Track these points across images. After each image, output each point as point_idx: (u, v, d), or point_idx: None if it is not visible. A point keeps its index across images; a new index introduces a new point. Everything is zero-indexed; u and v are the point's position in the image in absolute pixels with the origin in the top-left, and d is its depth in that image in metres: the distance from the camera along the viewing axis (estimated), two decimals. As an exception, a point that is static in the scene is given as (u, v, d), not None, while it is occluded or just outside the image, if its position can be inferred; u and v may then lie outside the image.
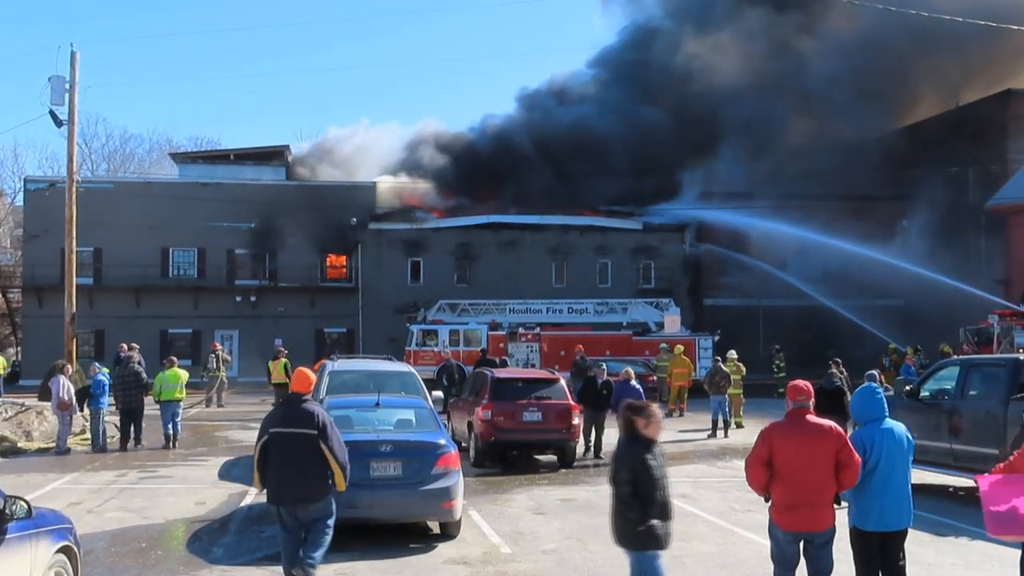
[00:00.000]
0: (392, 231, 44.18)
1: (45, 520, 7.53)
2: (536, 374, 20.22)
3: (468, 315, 37.89)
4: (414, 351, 35.25)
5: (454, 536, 11.20)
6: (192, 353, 40.21)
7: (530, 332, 36.14)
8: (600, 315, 38.36)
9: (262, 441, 8.69)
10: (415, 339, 36.13)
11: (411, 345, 35.94)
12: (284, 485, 8.48)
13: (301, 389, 8.86)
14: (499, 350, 33.72)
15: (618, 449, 7.12)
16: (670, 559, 10.17)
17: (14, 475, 15.48)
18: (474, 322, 36.81)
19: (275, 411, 9.19)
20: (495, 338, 35.52)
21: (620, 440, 7.14)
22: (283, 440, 8.56)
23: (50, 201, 36.28)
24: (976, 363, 14.63)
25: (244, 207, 42.53)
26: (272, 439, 8.63)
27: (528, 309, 38.46)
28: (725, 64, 45.36)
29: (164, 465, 17.56)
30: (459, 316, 37.75)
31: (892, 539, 7.41)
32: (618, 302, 39.37)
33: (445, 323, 36.81)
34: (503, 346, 34.92)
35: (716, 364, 24.14)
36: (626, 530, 6.92)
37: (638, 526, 6.82)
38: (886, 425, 7.49)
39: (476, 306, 38.40)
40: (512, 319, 37.37)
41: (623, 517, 6.91)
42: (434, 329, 36.35)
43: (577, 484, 15.62)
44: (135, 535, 11.44)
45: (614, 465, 7.05)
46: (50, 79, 24.35)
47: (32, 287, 41.97)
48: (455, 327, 36.33)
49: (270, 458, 8.59)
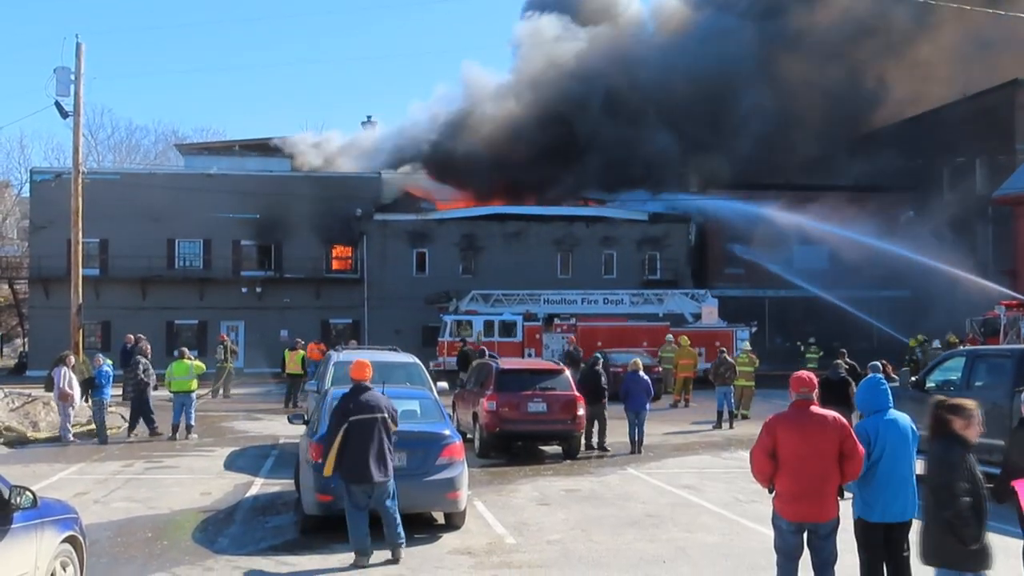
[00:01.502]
0: (397, 222, 44.19)
1: (51, 510, 7.56)
2: (541, 365, 20.22)
3: (502, 305, 36.95)
4: (448, 342, 34.26)
5: (459, 527, 11.22)
6: (198, 344, 40.27)
7: (565, 323, 35.51)
8: (636, 306, 37.63)
9: (344, 428, 9.50)
10: (449, 330, 35.18)
11: (445, 336, 35.02)
12: (369, 464, 9.43)
13: (365, 377, 9.91)
14: (535, 341, 33.52)
15: (940, 454, 6.32)
16: (674, 549, 10.23)
17: (21, 465, 15.54)
18: (508, 312, 35.97)
19: (348, 400, 9.78)
20: (530, 329, 34.93)
21: (936, 444, 6.40)
22: (363, 425, 9.54)
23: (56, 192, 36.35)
24: (982, 354, 14.61)
25: (250, 198, 42.58)
26: (353, 425, 9.52)
27: (564, 299, 37.71)
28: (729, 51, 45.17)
29: (170, 455, 17.60)
30: (492, 306, 36.81)
31: (897, 530, 7.40)
32: (654, 293, 38.74)
33: (479, 313, 35.93)
34: (539, 337, 34.43)
35: (722, 355, 24.10)
36: (956, 549, 6.11)
37: (973, 544, 6.12)
38: (890, 416, 7.47)
39: (510, 296, 37.45)
40: (547, 309, 36.64)
41: (954, 534, 6.09)
42: (468, 320, 35.45)
43: (582, 475, 15.62)
44: (141, 525, 11.47)
45: (945, 474, 6.20)
46: (56, 70, 24.34)
47: (38, 278, 42.07)
48: (489, 317, 35.46)
49: (350, 442, 9.50)
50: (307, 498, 10.80)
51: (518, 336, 34.12)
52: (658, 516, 12.04)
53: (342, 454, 9.51)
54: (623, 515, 12.11)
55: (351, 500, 9.57)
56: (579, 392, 17.48)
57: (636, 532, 11.09)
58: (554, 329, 35.30)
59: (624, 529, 11.25)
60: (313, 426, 11.70)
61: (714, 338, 34.48)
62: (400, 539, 9.66)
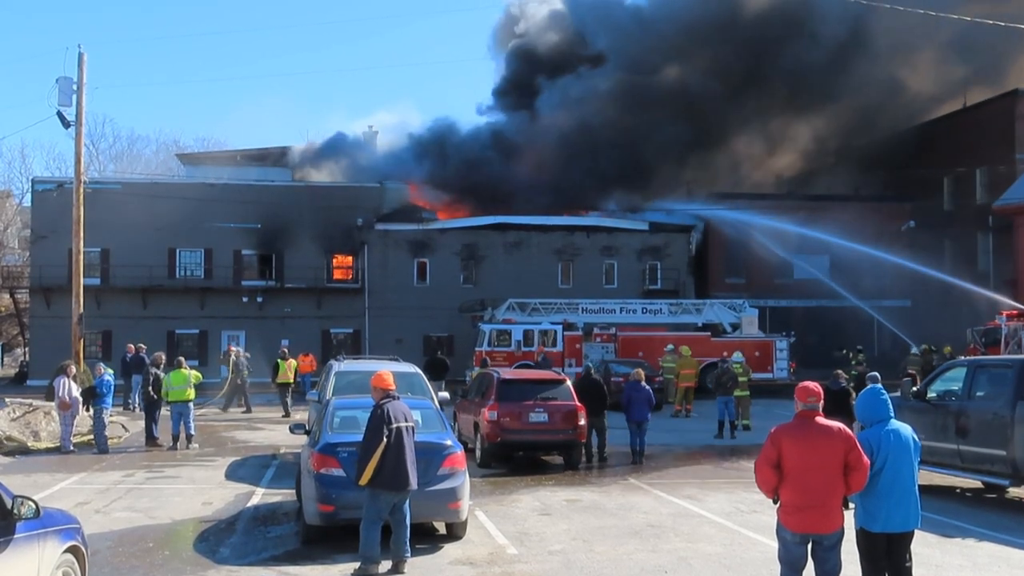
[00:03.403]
0: (398, 232, 44.22)
1: (53, 520, 7.56)
2: (542, 375, 20.20)
3: (539, 314, 36.23)
4: (487, 352, 33.03)
5: (460, 537, 11.21)
6: (199, 353, 40.29)
7: (606, 332, 34.96)
8: (674, 315, 37.07)
9: (387, 437, 9.54)
10: (488, 339, 34.24)
11: (483, 346, 33.89)
12: (402, 473, 9.55)
13: (391, 387, 9.96)
14: (575, 351, 33.18)
15: None
16: (676, 560, 10.22)
17: (22, 475, 15.54)
18: (547, 322, 35.34)
19: (387, 409, 9.75)
20: (570, 339, 34.39)
21: None
22: (405, 433, 9.70)
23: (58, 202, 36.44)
24: (983, 364, 14.60)
25: (251, 208, 42.62)
26: (395, 433, 9.61)
27: (602, 309, 37.13)
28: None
29: (171, 465, 17.59)
30: (529, 315, 36.10)
31: (899, 540, 7.40)
32: (692, 303, 38.22)
33: (517, 323, 35.13)
34: (579, 347, 33.91)
35: (724, 365, 24.10)
36: None
37: None
38: (892, 426, 7.48)
39: (547, 305, 36.87)
40: (585, 319, 36.09)
41: None
42: (508, 329, 34.64)
43: (583, 485, 15.61)
44: (142, 535, 11.47)
45: None
46: (58, 80, 24.44)
47: (40, 288, 42.07)
48: (529, 327, 34.83)
49: (391, 450, 9.55)
50: (308, 508, 10.79)
51: (558, 346, 33.55)
52: (659, 526, 12.03)
53: (383, 462, 9.52)
54: (624, 525, 12.10)
55: (375, 508, 9.57)
56: (580, 402, 17.46)
57: (637, 542, 11.07)
58: (594, 339, 34.78)
59: (625, 539, 11.24)
60: (315, 436, 11.70)
61: (754, 348, 34.31)
62: (406, 552, 9.71)
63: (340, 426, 11.38)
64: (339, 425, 11.43)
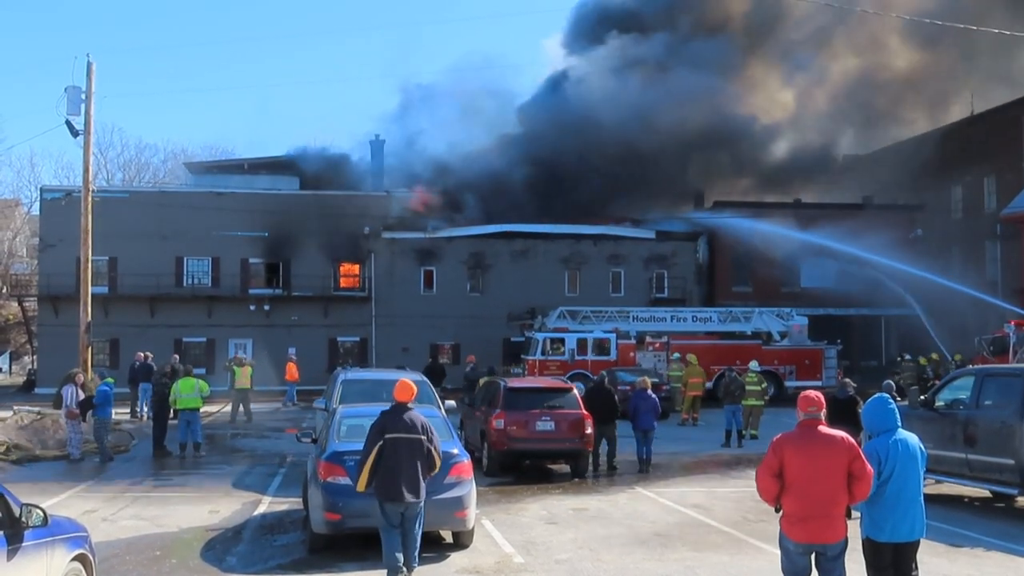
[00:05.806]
0: (405, 240, 44.28)
1: (61, 528, 7.59)
2: (549, 383, 20.19)
3: (590, 322, 35.64)
4: (539, 361, 32.73)
5: (467, 545, 11.21)
6: (206, 362, 40.34)
7: (658, 340, 34.56)
8: (724, 323, 36.55)
9: (378, 445, 9.46)
10: (540, 348, 33.48)
11: (535, 354, 33.26)
12: (401, 484, 9.40)
13: (407, 398, 9.88)
14: (628, 359, 32.93)
15: None
16: (683, 569, 10.20)
17: (30, 483, 15.57)
18: (599, 330, 34.80)
19: (386, 419, 9.70)
20: (624, 347, 33.87)
21: None
22: (400, 444, 9.49)
23: (66, 210, 36.51)
24: (992, 373, 14.56)
25: (258, 216, 42.71)
26: (388, 443, 9.48)
27: (652, 317, 36.68)
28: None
29: (178, 473, 17.63)
30: (581, 323, 35.51)
31: (905, 550, 7.38)
32: (741, 311, 37.56)
33: (571, 331, 34.40)
34: (632, 355, 33.55)
35: (731, 373, 24.05)
36: None
37: None
38: (899, 436, 7.47)
39: (598, 313, 36.32)
40: (636, 327, 35.65)
41: None
42: (561, 338, 33.83)
43: (590, 494, 15.59)
44: (149, 543, 11.49)
45: None
46: (66, 89, 24.55)
47: (48, 296, 42.19)
48: (582, 335, 33.98)
49: (384, 460, 9.45)
50: (315, 516, 10.80)
51: (612, 354, 33.16)
52: (666, 535, 12.01)
53: (375, 471, 9.47)
54: (631, 534, 12.08)
55: (384, 518, 9.53)
56: (588, 411, 17.44)
57: (644, 552, 11.06)
58: (646, 347, 34.46)
59: (632, 548, 11.23)
60: (322, 445, 11.71)
61: (803, 356, 34.16)
62: (413, 562, 9.65)
63: (347, 434, 11.38)
64: (346, 433, 11.42)
